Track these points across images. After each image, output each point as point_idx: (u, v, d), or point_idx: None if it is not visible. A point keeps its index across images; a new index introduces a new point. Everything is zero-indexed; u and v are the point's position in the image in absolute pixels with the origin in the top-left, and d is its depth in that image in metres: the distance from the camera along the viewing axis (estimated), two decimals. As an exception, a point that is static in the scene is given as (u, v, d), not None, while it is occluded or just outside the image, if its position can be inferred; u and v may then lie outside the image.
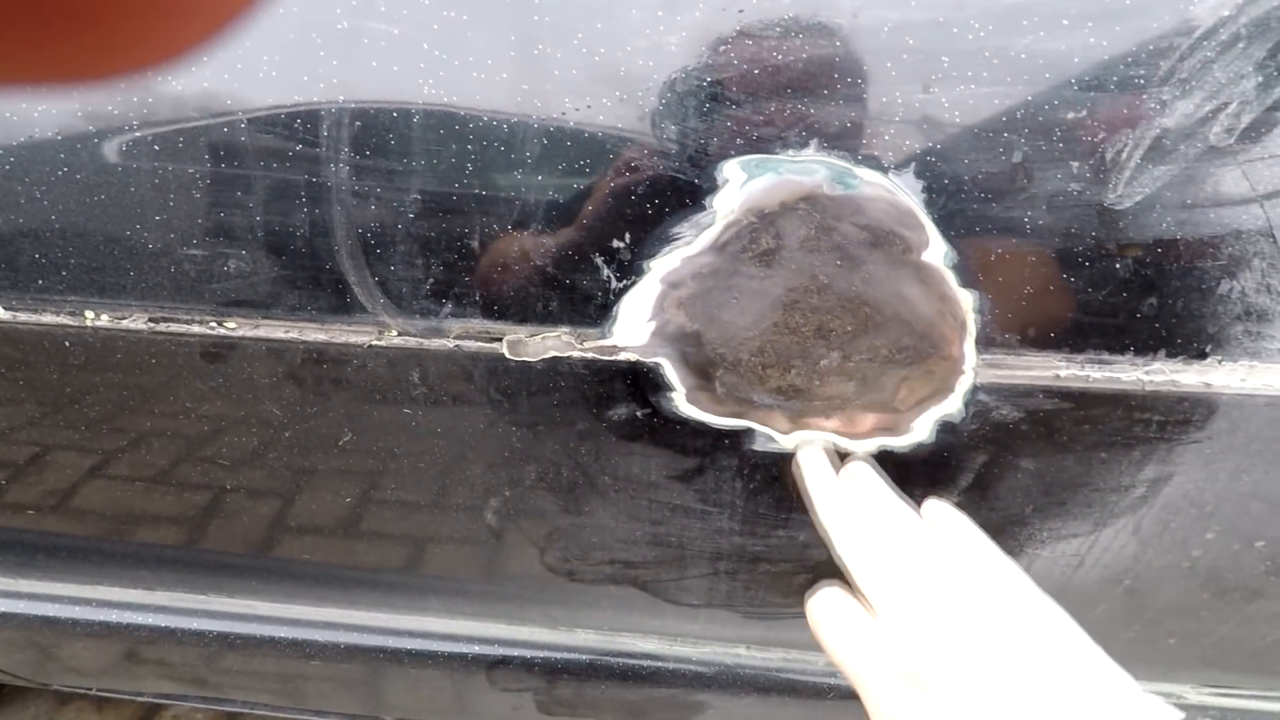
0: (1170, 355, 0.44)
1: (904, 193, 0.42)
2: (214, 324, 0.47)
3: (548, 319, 0.46)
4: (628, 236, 0.44)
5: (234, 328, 0.47)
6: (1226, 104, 0.41)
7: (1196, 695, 0.66)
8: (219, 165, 0.44)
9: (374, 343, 0.47)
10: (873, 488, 0.45)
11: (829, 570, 0.57)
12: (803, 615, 0.61)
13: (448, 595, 0.63)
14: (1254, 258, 0.42)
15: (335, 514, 0.55)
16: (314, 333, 0.47)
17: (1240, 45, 0.40)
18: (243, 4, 0.41)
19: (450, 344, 0.46)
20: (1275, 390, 0.44)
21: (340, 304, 0.46)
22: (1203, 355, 0.44)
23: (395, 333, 0.46)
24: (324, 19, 0.41)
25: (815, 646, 0.65)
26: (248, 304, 0.46)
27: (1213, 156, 0.41)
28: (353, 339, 0.47)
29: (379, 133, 0.43)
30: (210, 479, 0.54)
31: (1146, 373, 0.45)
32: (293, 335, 0.47)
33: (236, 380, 0.49)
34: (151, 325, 0.47)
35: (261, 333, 0.47)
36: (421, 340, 0.46)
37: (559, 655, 0.65)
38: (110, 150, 0.44)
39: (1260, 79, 0.40)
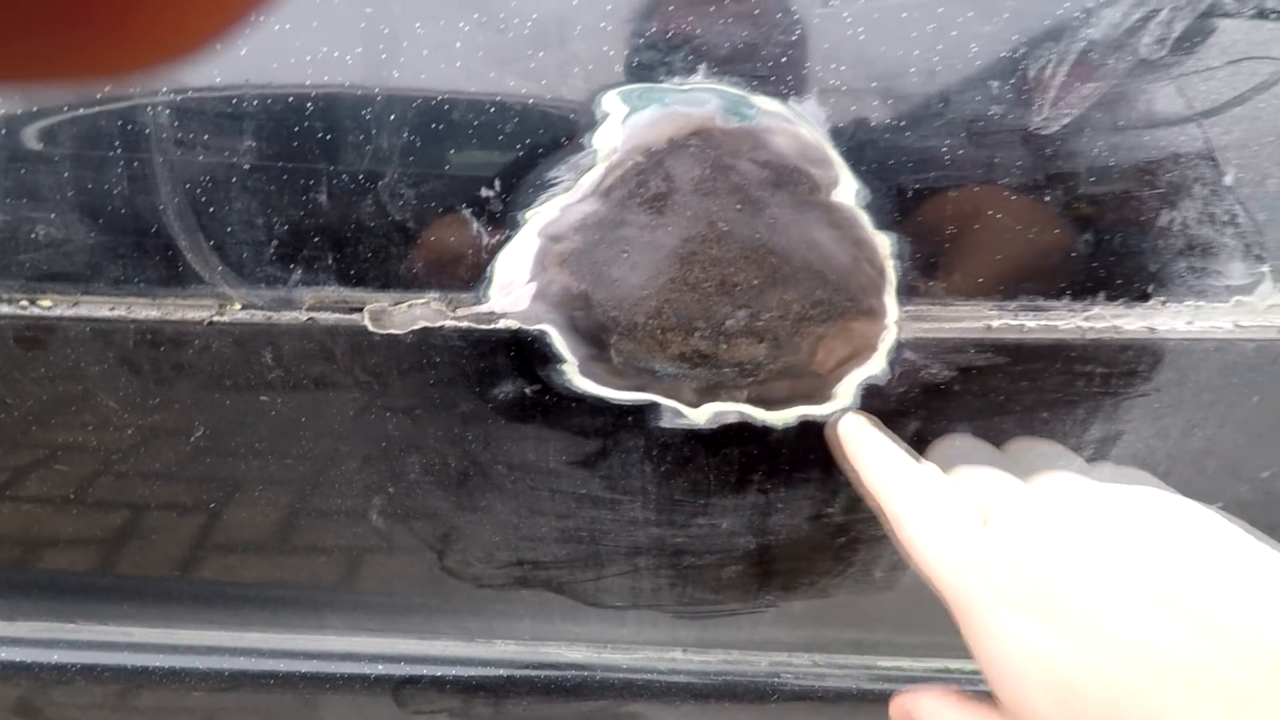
0: (1110, 298, 0.40)
1: (807, 123, 0.37)
2: (25, 303, 0.41)
3: (414, 284, 0.40)
4: (497, 184, 0.38)
5: (49, 306, 0.41)
6: (1156, 10, 0.36)
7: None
8: (13, 112, 0.37)
9: (215, 318, 0.41)
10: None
11: (758, 560, 0.51)
12: (739, 612, 0.55)
13: (342, 610, 0.56)
14: (1194, 184, 0.38)
15: (194, 522, 0.49)
16: (144, 309, 0.41)
17: (1167, -55, 0.36)
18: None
19: (303, 316, 0.40)
20: (1224, 333, 0.40)
21: (172, 274, 0.40)
22: (1145, 297, 0.40)
23: (238, 306, 0.40)
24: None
25: (757, 645, 0.60)
26: (63, 277, 0.40)
27: (1144, 71, 0.37)
28: (190, 314, 0.41)
29: (202, 69, 0.37)
30: (43, 489, 0.48)
31: (1085, 319, 0.40)
32: (119, 313, 0.41)
33: (61, 368, 0.42)
34: (-48, 308, 0.41)
35: (82, 311, 0.41)
36: (270, 314, 0.40)
37: (475, 671, 0.59)
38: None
39: (1191, -18, 0.36)
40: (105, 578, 0.53)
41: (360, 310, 0.40)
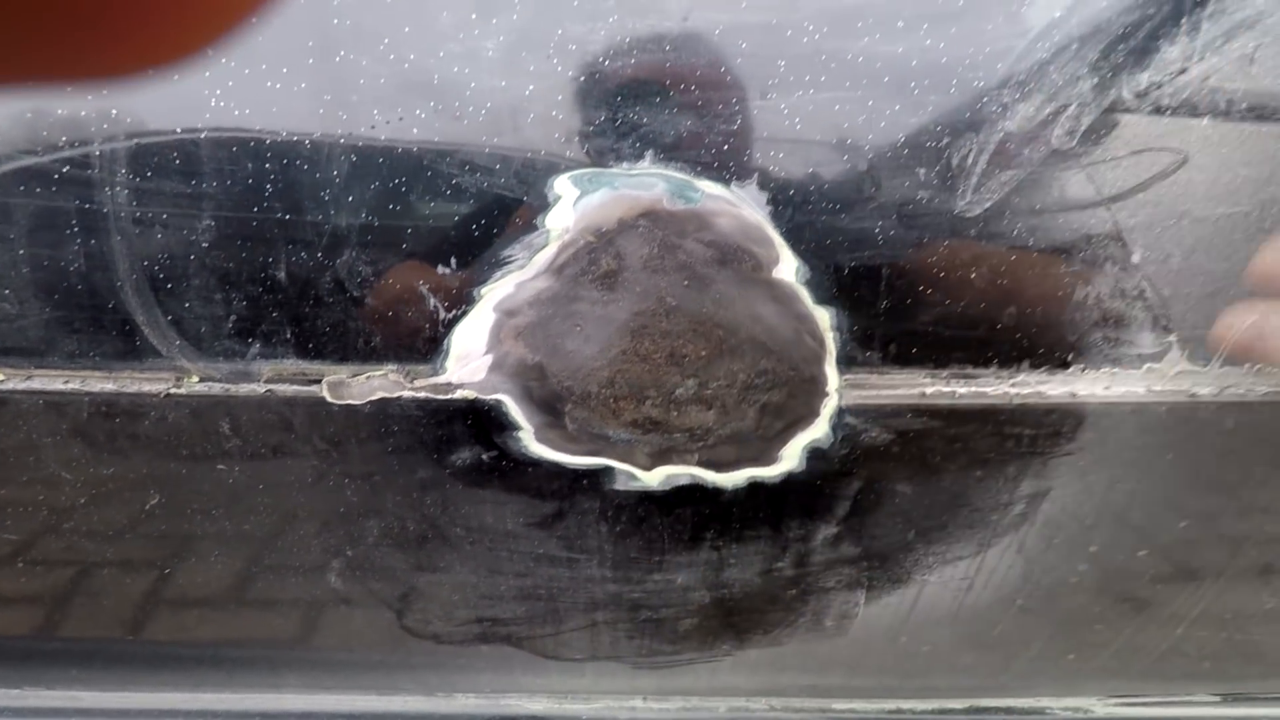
0: (1034, 366, 0.42)
1: (749, 206, 0.40)
2: (-23, 378, 0.41)
3: (371, 356, 0.41)
4: (454, 261, 0.40)
5: (1, 380, 0.41)
6: (1065, 106, 0.40)
7: (1103, 708, 0.65)
8: (-31, 194, 0.38)
9: (173, 390, 0.41)
10: None
11: (714, 612, 0.53)
12: (696, 661, 0.56)
13: (302, 669, 0.56)
14: (1106, 262, 0.41)
15: (145, 582, 0.48)
16: (100, 382, 0.41)
17: (1073, 47, 0.39)
18: None
19: (262, 389, 0.41)
20: (1139, 397, 0.43)
21: (129, 348, 0.40)
22: (1065, 364, 0.43)
23: (196, 379, 0.41)
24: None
25: (715, 692, 0.61)
26: (16, 351, 0.40)
27: (1057, 160, 0.40)
28: (147, 387, 0.41)
29: (161, 152, 0.38)
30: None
31: (1011, 385, 0.43)
32: (74, 386, 0.41)
33: (12, 440, 0.42)
34: (-101, 383, 0.40)
35: (36, 384, 0.41)
36: (228, 386, 0.41)
37: (435, 725, 0.59)
38: None
39: (1095, 80, 0.39)
40: (51, 641, 0.52)
41: (319, 382, 0.41)
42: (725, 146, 0.39)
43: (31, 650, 0.54)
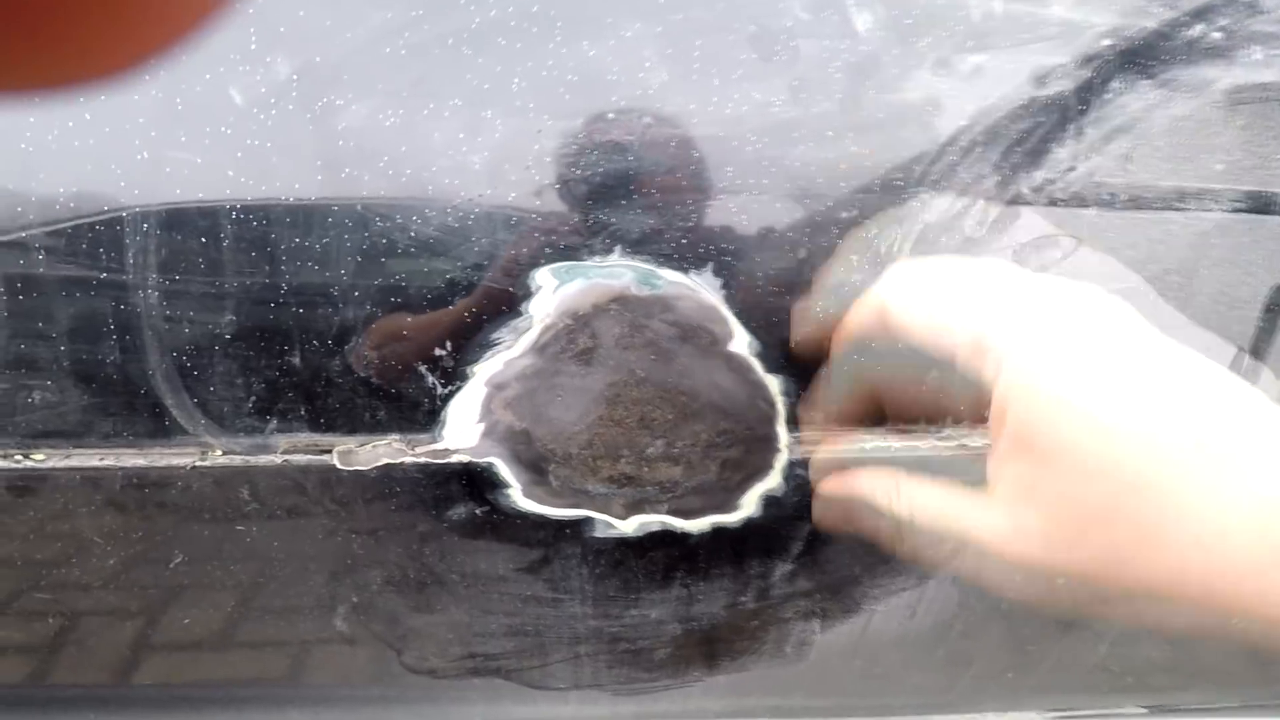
0: (955, 422, 0.49)
1: (705, 290, 0.46)
2: (20, 457, 0.45)
3: (377, 428, 0.46)
4: (449, 345, 0.45)
5: (43, 459, 0.45)
6: (975, 200, 0.46)
7: None
8: (12, 294, 0.43)
9: (198, 463, 0.46)
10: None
11: (685, 642, 0.58)
12: (671, 687, 0.62)
13: (304, 704, 0.61)
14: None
15: (170, 637, 0.53)
16: (132, 458, 0.46)
17: (978, 150, 0.46)
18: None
19: (279, 459, 0.46)
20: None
21: (159, 428, 0.45)
22: (984, 420, 0.49)
23: (220, 453, 0.46)
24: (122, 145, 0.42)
25: (689, 715, 0.66)
26: (57, 434, 0.45)
27: (970, 246, 0.47)
28: (175, 461, 0.46)
29: (187, 256, 0.43)
30: (29, 613, 0.51)
31: (938, 438, 0.49)
32: (109, 462, 0.46)
33: (50, 511, 0.47)
34: (-51, 463, 0.45)
35: (74, 462, 0.45)
36: (248, 458, 0.46)
37: (432, 754, 0.64)
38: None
39: (998, 178, 0.46)
40: (86, 687, 0.56)
41: (330, 451, 0.46)
42: (684, 240, 0.45)
43: (69, 697, 0.58)
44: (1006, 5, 0.46)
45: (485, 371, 0.46)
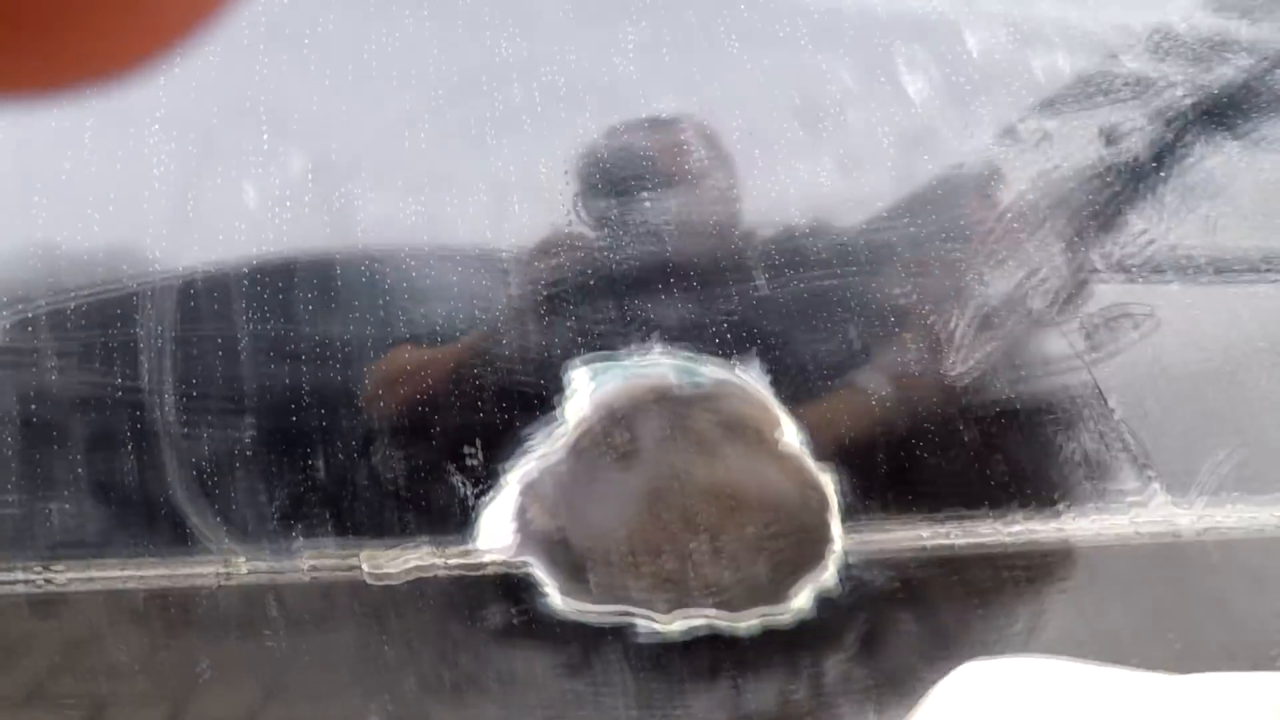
0: (1023, 509, 0.45)
1: (752, 382, 0.43)
2: (39, 569, 0.43)
3: (406, 534, 0.44)
4: (480, 446, 0.43)
5: (63, 572, 0.44)
6: (1042, 276, 0.43)
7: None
8: (27, 412, 0.41)
9: (223, 583, 0.44)
10: None
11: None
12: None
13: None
14: (1086, 415, 0.44)
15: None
16: (154, 569, 0.44)
17: (1045, 222, 0.42)
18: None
19: (306, 573, 0.44)
20: (1124, 533, 0.46)
21: (181, 541, 0.43)
22: (1054, 506, 0.45)
23: (245, 568, 0.44)
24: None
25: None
26: (77, 547, 0.43)
27: (1037, 325, 0.43)
28: (199, 576, 0.44)
29: (205, 373, 0.41)
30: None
31: (1004, 527, 0.46)
32: (130, 572, 0.44)
33: (72, 627, 0.45)
34: (-32, 583, 0.43)
35: (94, 574, 0.44)
36: (275, 571, 0.44)
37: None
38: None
39: (1066, 249, 0.42)
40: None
41: (358, 561, 0.44)
42: (727, 330, 0.42)
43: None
44: (1073, 62, 0.42)
45: (519, 472, 0.43)
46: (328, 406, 0.41)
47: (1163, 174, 0.42)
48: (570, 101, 0.40)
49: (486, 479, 0.43)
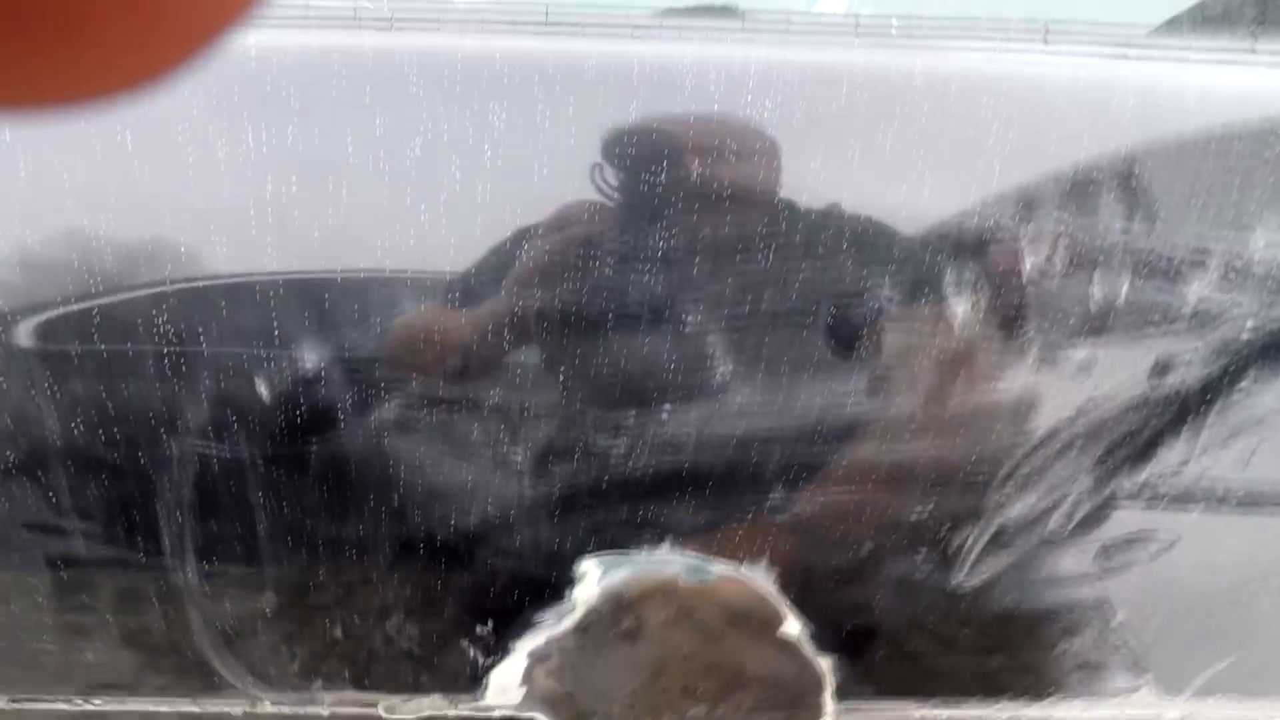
0: (1014, 697, 0.47)
1: (757, 582, 0.43)
2: (79, 701, 0.47)
3: (420, 688, 0.46)
4: (491, 624, 0.44)
5: (100, 704, 0.47)
6: (1064, 498, 0.42)
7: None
8: (57, 571, 0.42)
9: (248, 710, 0.47)
10: None
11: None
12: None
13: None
14: (1091, 622, 0.44)
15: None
16: (185, 705, 0.47)
17: (1077, 447, 0.41)
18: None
19: (326, 713, 0.47)
20: (1106, 714, 0.47)
21: (208, 683, 0.46)
22: (1044, 695, 0.47)
23: (269, 707, 0.46)
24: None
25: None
26: (113, 685, 0.46)
27: (1050, 542, 0.43)
28: (226, 709, 0.47)
29: (224, 541, 0.42)
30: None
31: (995, 710, 0.47)
32: (162, 709, 0.47)
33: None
34: (14, 705, 0.47)
35: (130, 707, 0.47)
36: (297, 711, 0.47)
37: None
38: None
39: (1095, 477, 0.41)
40: None
41: (375, 706, 0.47)
42: (737, 534, 0.42)
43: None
44: (1133, 288, 0.39)
45: (527, 644, 0.45)
46: (347, 577, 0.43)
47: (1208, 407, 0.40)
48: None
49: (497, 650, 0.45)
